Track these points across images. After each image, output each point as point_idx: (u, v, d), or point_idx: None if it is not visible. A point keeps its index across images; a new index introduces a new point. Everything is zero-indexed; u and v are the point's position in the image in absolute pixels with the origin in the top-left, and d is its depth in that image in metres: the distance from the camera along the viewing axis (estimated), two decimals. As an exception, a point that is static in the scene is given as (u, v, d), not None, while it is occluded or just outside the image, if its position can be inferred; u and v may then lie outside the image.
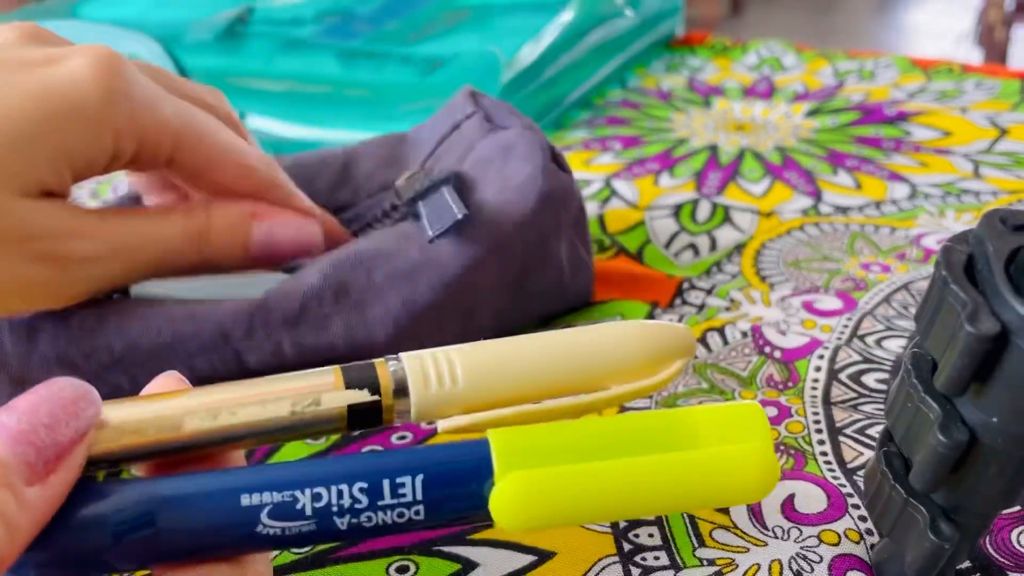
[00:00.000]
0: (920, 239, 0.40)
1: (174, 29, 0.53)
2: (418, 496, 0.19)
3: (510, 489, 0.19)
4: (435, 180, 0.33)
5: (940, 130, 0.50)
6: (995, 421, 0.19)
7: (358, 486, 0.19)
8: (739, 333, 0.34)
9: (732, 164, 0.48)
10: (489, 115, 0.37)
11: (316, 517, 0.19)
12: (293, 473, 0.19)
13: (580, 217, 0.36)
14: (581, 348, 0.22)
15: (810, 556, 0.25)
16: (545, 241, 0.34)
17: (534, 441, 0.20)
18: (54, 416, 0.19)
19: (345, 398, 0.21)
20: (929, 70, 0.58)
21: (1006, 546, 0.25)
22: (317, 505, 0.19)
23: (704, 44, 0.65)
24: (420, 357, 0.22)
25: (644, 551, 0.26)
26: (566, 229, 0.35)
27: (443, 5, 0.58)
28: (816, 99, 0.55)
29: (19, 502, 0.18)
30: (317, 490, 0.19)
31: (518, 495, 0.19)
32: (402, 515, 0.19)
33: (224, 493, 0.19)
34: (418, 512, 0.19)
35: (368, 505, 0.19)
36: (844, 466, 0.28)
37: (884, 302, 0.36)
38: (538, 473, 0.19)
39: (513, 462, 0.19)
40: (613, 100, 0.57)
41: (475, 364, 0.22)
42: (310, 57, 0.51)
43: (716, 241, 0.41)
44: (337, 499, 0.19)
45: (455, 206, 0.31)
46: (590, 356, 0.22)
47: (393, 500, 0.19)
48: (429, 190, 0.33)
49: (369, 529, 0.19)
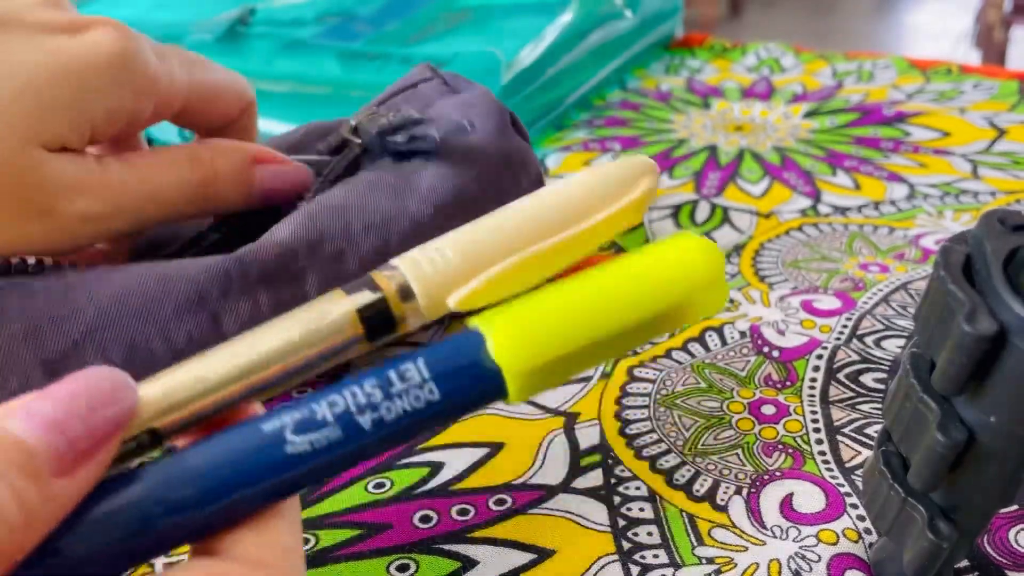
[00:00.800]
0: (919, 239, 0.40)
1: (175, 30, 0.53)
2: (424, 374, 0.20)
3: (503, 332, 0.20)
4: (407, 118, 0.34)
5: (939, 131, 0.51)
6: (993, 421, 0.19)
7: (368, 383, 0.19)
8: (737, 333, 0.35)
9: (731, 165, 0.48)
10: (447, 82, 0.39)
11: (339, 422, 0.19)
12: (305, 397, 0.19)
13: (539, 182, 0.37)
14: (555, 196, 0.23)
15: (808, 555, 0.25)
16: (507, 200, 0.34)
17: (511, 305, 0.21)
18: (91, 406, 0.18)
19: (351, 303, 0.21)
20: (928, 71, 0.58)
21: (1004, 545, 0.26)
22: (336, 411, 0.19)
23: (703, 45, 0.65)
24: (409, 254, 0.22)
25: (643, 549, 0.26)
26: (526, 193, 0.35)
27: (443, 6, 0.58)
28: (815, 100, 0.55)
29: (43, 494, 0.17)
30: (332, 398, 0.19)
31: (512, 332, 0.20)
32: (418, 398, 0.20)
33: (245, 430, 0.19)
34: (431, 391, 0.20)
35: (384, 396, 0.19)
36: (842, 465, 0.28)
37: (883, 302, 0.36)
38: (520, 308, 0.20)
39: (496, 320, 0.20)
40: (613, 101, 0.57)
41: (462, 238, 0.22)
42: (311, 58, 0.51)
43: (715, 242, 0.41)
44: (352, 399, 0.19)
45: (458, 119, 0.33)
46: (566, 199, 0.23)
47: (403, 385, 0.19)
48: (398, 128, 0.34)
49: (393, 423, 0.20)
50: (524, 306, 0.20)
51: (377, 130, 0.34)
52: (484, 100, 0.36)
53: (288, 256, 0.30)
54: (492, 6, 0.58)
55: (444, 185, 0.33)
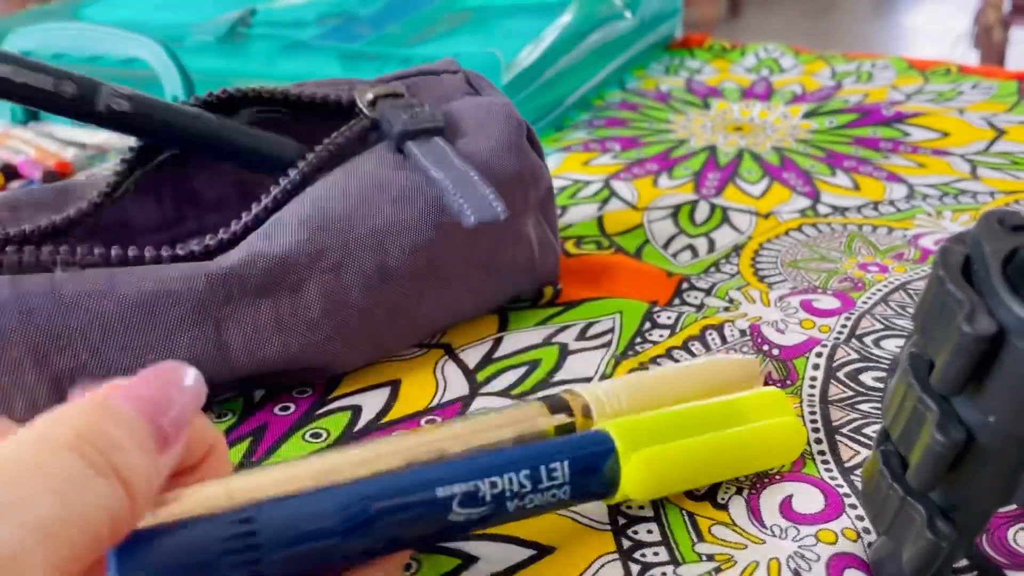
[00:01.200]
0: (918, 239, 0.40)
1: (176, 31, 0.53)
2: (567, 476, 0.23)
3: (636, 466, 0.25)
4: (427, 125, 0.33)
5: (937, 131, 0.51)
6: (992, 420, 0.19)
7: (523, 473, 0.23)
8: (738, 332, 0.35)
9: (731, 165, 0.48)
10: (471, 81, 0.38)
11: (493, 502, 0.23)
12: (473, 465, 0.23)
13: (548, 198, 0.36)
14: (696, 376, 0.30)
15: (808, 555, 0.25)
16: (513, 218, 0.34)
17: (640, 428, 0.26)
18: (180, 395, 0.20)
19: (553, 421, 0.28)
20: (926, 71, 0.58)
21: (1003, 544, 0.26)
22: (494, 492, 0.23)
23: (702, 46, 0.65)
24: (593, 389, 0.28)
25: (643, 547, 0.26)
26: (534, 209, 0.35)
27: (444, 7, 0.58)
28: (814, 100, 0.55)
29: (156, 469, 0.19)
30: (493, 479, 0.23)
31: (642, 470, 0.25)
32: (554, 495, 0.23)
33: (421, 489, 0.22)
34: (566, 492, 0.24)
35: (531, 488, 0.23)
36: (841, 465, 0.29)
37: (882, 302, 0.36)
38: (654, 451, 0.25)
39: (629, 445, 0.25)
40: (612, 101, 0.57)
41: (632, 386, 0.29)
42: (312, 59, 0.51)
43: (714, 242, 0.41)
44: (508, 485, 0.23)
45: (494, 200, 0.31)
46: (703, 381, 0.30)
47: (549, 482, 0.23)
48: (420, 133, 0.33)
49: (528, 511, 0.23)
50: (661, 451, 0.25)
51: (400, 130, 0.33)
52: (503, 112, 0.35)
53: (287, 267, 0.30)
54: (492, 7, 0.58)
55: (445, 208, 0.32)
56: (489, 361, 0.34)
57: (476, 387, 0.33)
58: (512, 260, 0.35)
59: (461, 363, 0.34)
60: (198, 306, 0.29)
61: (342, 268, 0.31)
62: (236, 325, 0.30)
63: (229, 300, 0.30)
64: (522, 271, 0.36)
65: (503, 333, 0.36)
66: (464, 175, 0.31)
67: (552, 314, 0.36)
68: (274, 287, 0.30)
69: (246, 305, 0.30)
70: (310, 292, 0.31)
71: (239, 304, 0.30)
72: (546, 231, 0.36)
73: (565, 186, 0.47)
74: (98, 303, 0.28)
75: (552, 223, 0.37)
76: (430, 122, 0.33)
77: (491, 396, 0.32)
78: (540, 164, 0.35)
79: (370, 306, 0.32)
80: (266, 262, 0.30)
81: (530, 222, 0.35)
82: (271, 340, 0.30)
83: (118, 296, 0.29)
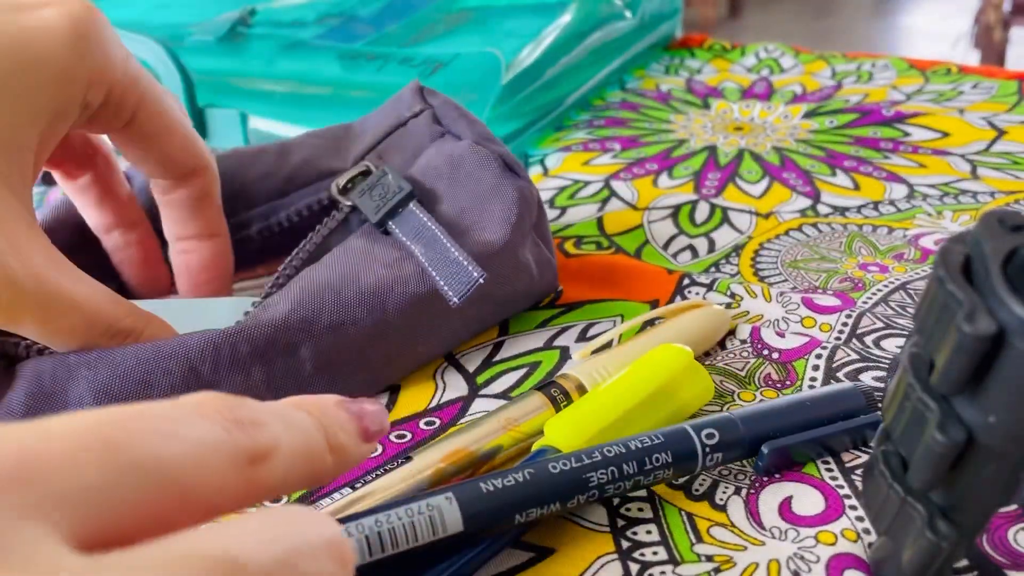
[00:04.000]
0: (918, 239, 0.40)
1: (176, 31, 0.53)
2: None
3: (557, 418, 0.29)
4: (396, 199, 0.33)
5: (938, 131, 0.51)
6: (992, 420, 0.19)
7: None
8: (738, 341, 0.35)
9: (731, 165, 0.48)
10: (438, 115, 0.37)
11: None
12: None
13: (540, 216, 0.36)
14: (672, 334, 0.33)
15: (807, 556, 0.25)
16: (514, 255, 0.34)
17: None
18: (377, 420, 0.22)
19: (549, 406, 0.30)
20: (927, 71, 0.58)
21: (1003, 544, 0.26)
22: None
23: (702, 46, 0.65)
24: (584, 367, 0.32)
25: (642, 547, 0.26)
26: (530, 233, 0.35)
27: (444, 7, 0.58)
28: (814, 100, 0.55)
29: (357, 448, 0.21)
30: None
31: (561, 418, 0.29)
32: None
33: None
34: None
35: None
36: (842, 465, 0.29)
37: (882, 302, 0.36)
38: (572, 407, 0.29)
39: None
40: (612, 101, 0.57)
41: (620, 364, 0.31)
42: (312, 59, 0.51)
43: (714, 243, 0.41)
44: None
45: (469, 265, 0.31)
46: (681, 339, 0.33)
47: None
48: (397, 208, 0.33)
49: None
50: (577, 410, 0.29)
51: (377, 218, 0.33)
52: (473, 155, 0.34)
53: (280, 332, 0.30)
54: (492, 7, 0.58)
55: None
56: (489, 364, 0.34)
57: (475, 389, 0.33)
58: (512, 290, 0.35)
59: (461, 368, 0.34)
60: (188, 372, 0.29)
61: (339, 328, 0.31)
62: (228, 388, 0.30)
63: (218, 368, 0.30)
64: (522, 297, 0.36)
65: (504, 337, 0.35)
66: (438, 251, 0.32)
67: (552, 315, 0.36)
68: (268, 349, 0.30)
69: (237, 371, 0.30)
70: (303, 352, 0.31)
71: (230, 371, 0.30)
72: (542, 249, 0.36)
73: (565, 186, 0.47)
74: (94, 369, 0.29)
75: (546, 238, 0.37)
76: (398, 193, 0.33)
77: (489, 399, 0.32)
78: (527, 185, 0.35)
79: (366, 358, 0.32)
80: (260, 329, 0.30)
81: (527, 246, 0.35)
82: (263, 397, 0.30)
83: (115, 361, 0.29)
